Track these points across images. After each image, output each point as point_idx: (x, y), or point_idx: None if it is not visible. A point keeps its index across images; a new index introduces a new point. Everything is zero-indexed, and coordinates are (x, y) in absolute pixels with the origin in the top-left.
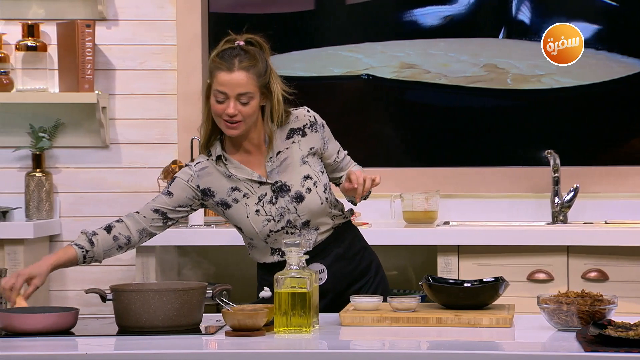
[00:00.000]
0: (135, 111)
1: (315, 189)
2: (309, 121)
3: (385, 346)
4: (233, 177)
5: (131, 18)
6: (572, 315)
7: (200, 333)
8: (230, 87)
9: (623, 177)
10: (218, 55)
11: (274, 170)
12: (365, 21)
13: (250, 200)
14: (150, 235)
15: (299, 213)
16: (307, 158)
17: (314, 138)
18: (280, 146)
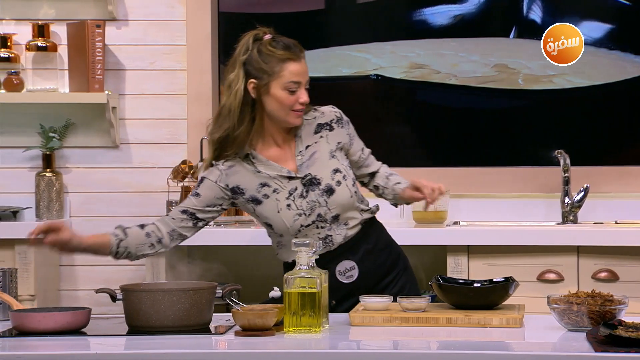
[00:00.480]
0: (145, 111)
1: (345, 182)
2: (335, 117)
3: (395, 346)
4: (262, 173)
5: (141, 18)
6: (582, 316)
7: (210, 333)
8: (302, 76)
9: (634, 177)
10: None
11: (304, 163)
12: (374, 21)
13: (281, 195)
14: (181, 237)
15: (329, 206)
16: (335, 152)
17: (341, 133)
18: (309, 140)
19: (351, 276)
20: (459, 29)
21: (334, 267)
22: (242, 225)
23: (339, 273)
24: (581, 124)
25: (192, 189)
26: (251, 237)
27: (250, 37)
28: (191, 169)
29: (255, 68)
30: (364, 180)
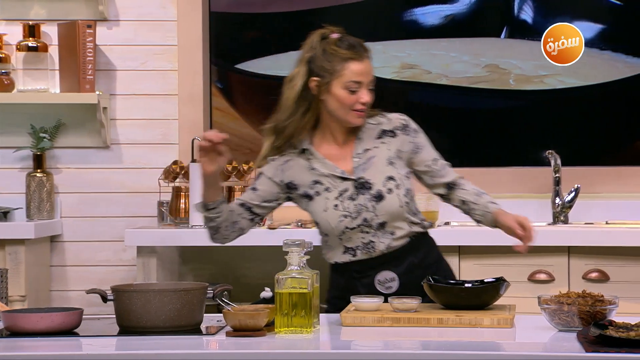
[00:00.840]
0: (136, 111)
1: (397, 191)
2: (401, 124)
3: (386, 346)
4: (316, 170)
5: (132, 18)
6: (572, 316)
7: (201, 333)
8: (364, 76)
9: (624, 177)
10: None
11: (359, 166)
12: (365, 21)
13: (331, 195)
14: (240, 231)
15: (377, 212)
16: (394, 160)
17: (404, 141)
18: (369, 144)
19: (390, 287)
20: (450, 29)
21: (374, 275)
22: None
23: (378, 282)
24: (572, 124)
25: (182, 189)
26: (242, 238)
27: (317, 36)
28: (182, 169)
29: (318, 66)
30: (441, 193)
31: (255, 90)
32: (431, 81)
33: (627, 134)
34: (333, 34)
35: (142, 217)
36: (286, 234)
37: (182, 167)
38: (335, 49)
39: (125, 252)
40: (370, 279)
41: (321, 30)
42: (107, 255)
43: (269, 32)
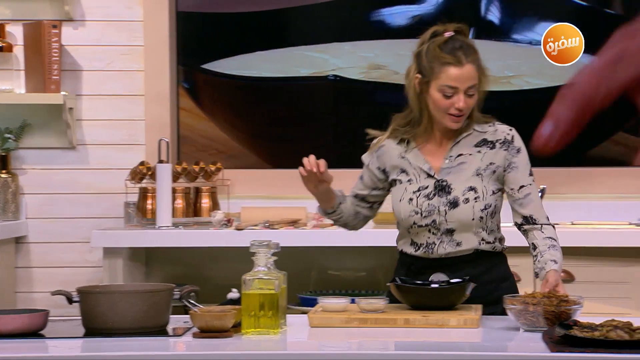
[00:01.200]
0: (102, 112)
1: (474, 203)
2: (505, 138)
3: (353, 347)
4: (406, 159)
5: (98, 19)
6: (538, 316)
7: (167, 335)
8: (461, 82)
9: (589, 178)
10: (440, 49)
11: (447, 168)
12: (332, 21)
13: (411, 187)
14: (365, 219)
15: (447, 218)
16: (484, 172)
17: (499, 155)
18: (465, 150)
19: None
20: (418, 29)
21: (429, 275)
22: (201, 226)
23: (431, 282)
24: (538, 125)
25: (149, 190)
26: (209, 239)
27: (429, 32)
28: (149, 170)
29: (422, 64)
30: (517, 221)
31: (222, 91)
32: (399, 82)
33: (593, 134)
34: (446, 32)
35: (109, 218)
36: (253, 235)
37: (149, 168)
38: (438, 51)
39: (91, 253)
40: (426, 277)
41: (436, 27)
42: (73, 256)
43: (236, 32)
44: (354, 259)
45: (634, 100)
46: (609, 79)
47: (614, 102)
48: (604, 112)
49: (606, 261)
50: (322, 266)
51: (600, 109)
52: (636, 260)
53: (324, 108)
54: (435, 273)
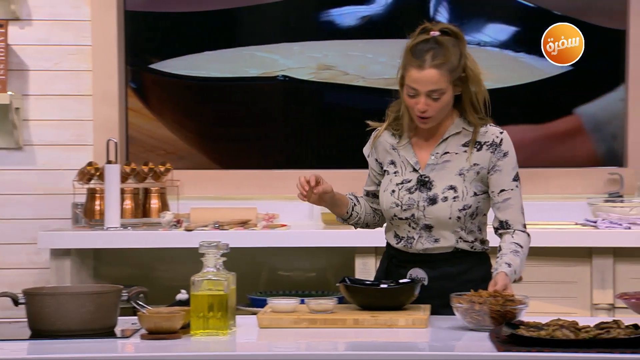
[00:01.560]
0: (50, 112)
1: (452, 202)
2: (493, 140)
3: (302, 348)
4: (396, 150)
5: (45, 18)
6: (484, 315)
7: (115, 336)
8: (421, 85)
9: (539, 179)
10: (411, 49)
11: (432, 165)
12: (282, 21)
13: (396, 179)
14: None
15: (425, 214)
16: (467, 172)
17: (485, 157)
18: (452, 148)
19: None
20: (367, 30)
21: (408, 269)
22: (150, 227)
23: (409, 277)
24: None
25: (97, 191)
26: (158, 240)
27: (419, 28)
28: (97, 170)
29: (402, 57)
30: (493, 225)
31: (170, 91)
32: (348, 82)
33: (542, 136)
34: (432, 31)
35: (56, 219)
36: (203, 235)
37: (97, 169)
38: (409, 50)
39: (38, 254)
40: (405, 271)
41: (428, 24)
42: (19, 258)
43: (184, 32)
44: (303, 260)
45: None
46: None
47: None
48: (556, 112)
49: (553, 261)
50: (272, 267)
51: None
52: (582, 260)
53: (273, 108)
54: (413, 268)
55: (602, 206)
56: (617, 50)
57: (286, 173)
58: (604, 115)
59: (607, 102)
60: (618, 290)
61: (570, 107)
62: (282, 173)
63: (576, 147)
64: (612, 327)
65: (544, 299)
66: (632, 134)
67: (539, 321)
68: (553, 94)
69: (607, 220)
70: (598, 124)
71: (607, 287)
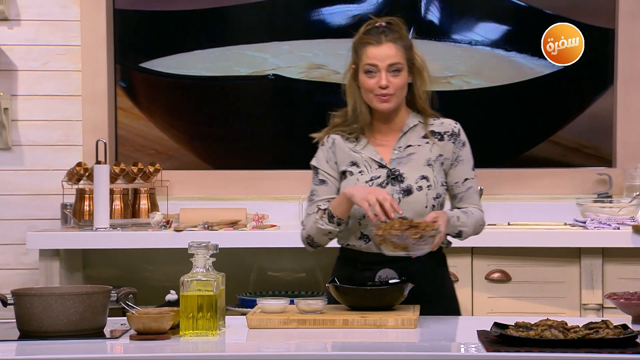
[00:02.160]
0: (38, 113)
1: (427, 191)
2: (452, 130)
3: (291, 348)
4: (357, 152)
5: (34, 18)
6: (379, 239)
7: (104, 337)
8: (380, 59)
9: (526, 179)
10: (363, 34)
11: (397, 159)
12: (271, 20)
13: (363, 177)
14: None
15: (401, 205)
16: (433, 163)
17: (448, 147)
18: (413, 141)
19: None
20: (357, 28)
21: (377, 270)
22: (139, 227)
23: (379, 278)
24: (476, 126)
25: (87, 191)
26: (148, 240)
27: (364, 25)
28: (86, 171)
29: (353, 53)
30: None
31: (160, 90)
32: (339, 82)
33: (530, 136)
34: (378, 22)
35: (45, 220)
36: (192, 236)
37: (86, 169)
38: (361, 35)
39: (26, 255)
40: (373, 273)
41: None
42: (8, 258)
43: (174, 30)
44: (293, 260)
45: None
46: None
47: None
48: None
49: (541, 261)
50: (261, 267)
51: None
52: (571, 261)
53: (263, 108)
54: (383, 269)
55: (590, 206)
56: (606, 50)
57: (276, 173)
58: (592, 115)
59: (596, 101)
60: (607, 291)
61: (560, 107)
62: (272, 173)
63: (564, 148)
64: (601, 327)
65: (533, 299)
66: (621, 134)
67: (528, 321)
68: (543, 94)
69: (596, 221)
70: (587, 123)
71: (596, 288)
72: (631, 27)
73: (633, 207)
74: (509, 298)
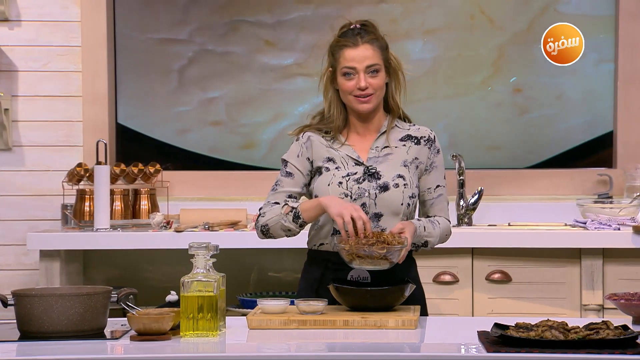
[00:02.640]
0: (39, 113)
1: (403, 189)
2: (428, 136)
3: (292, 349)
4: (334, 149)
5: (35, 19)
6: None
7: (105, 338)
8: (358, 61)
9: (525, 180)
10: (339, 36)
11: (374, 158)
12: None
13: (339, 173)
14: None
15: (377, 201)
16: (409, 164)
17: (423, 152)
18: (390, 142)
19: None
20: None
21: (349, 270)
22: (139, 228)
23: (350, 277)
24: (475, 128)
25: (87, 192)
26: (148, 241)
27: (339, 29)
28: (87, 171)
29: (330, 56)
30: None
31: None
32: None
33: (528, 137)
34: (352, 25)
35: (45, 221)
36: (193, 237)
37: (87, 170)
38: (337, 38)
39: (27, 256)
40: (345, 273)
41: (343, 24)
42: (8, 259)
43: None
44: (293, 261)
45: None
46: None
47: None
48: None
49: (542, 262)
50: (262, 268)
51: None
52: (571, 261)
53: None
54: (354, 269)
55: (591, 207)
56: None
57: (276, 174)
58: (593, 115)
59: (597, 102)
60: (607, 291)
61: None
62: (273, 174)
63: (565, 148)
64: (602, 327)
65: (533, 300)
66: (621, 135)
67: (529, 322)
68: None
69: (597, 221)
70: (587, 124)
71: (596, 288)
72: (631, 28)
73: (633, 208)
74: (509, 299)
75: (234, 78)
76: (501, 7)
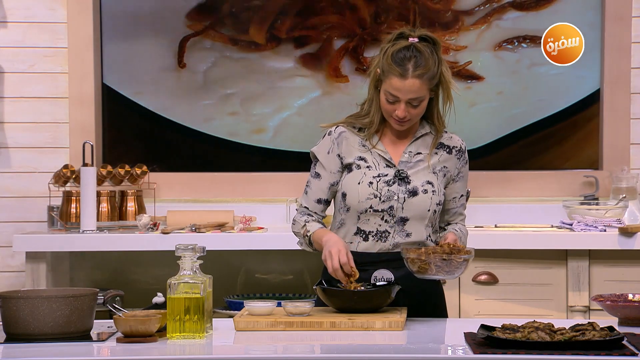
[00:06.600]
0: (25, 115)
1: (431, 195)
2: (460, 146)
3: (278, 351)
4: (367, 147)
5: (21, 20)
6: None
7: (91, 340)
8: (402, 93)
9: (512, 181)
10: (392, 56)
11: (405, 162)
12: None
13: (370, 172)
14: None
15: (404, 205)
16: (438, 172)
17: (453, 162)
18: (422, 149)
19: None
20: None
21: (372, 271)
22: (126, 230)
23: (374, 279)
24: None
25: (74, 194)
26: (135, 243)
27: (397, 32)
28: (73, 173)
29: (382, 61)
30: (441, 226)
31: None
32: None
33: (516, 139)
34: (411, 37)
35: (31, 222)
36: (180, 238)
37: (73, 172)
38: (390, 57)
39: (13, 257)
40: (368, 274)
41: (405, 28)
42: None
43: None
44: (280, 263)
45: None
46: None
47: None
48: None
49: (528, 263)
50: (249, 270)
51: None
52: (558, 263)
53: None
54: (378, 270)
55: (577, 209)
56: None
57: (264, 176)
58: (579, 117)
59: (583, 104)
60: (593, 293)
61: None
62: (260, 176)
63: (551, 150)
64: (588, 329)
65: (519, 301)
66: (607, 136)
67: (515, 323)
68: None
69: (583, 223)
70: (573, 126)
71: (582, 290)
72: (617, 30)
73: (619, 210)
74: (496, 300)
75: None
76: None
